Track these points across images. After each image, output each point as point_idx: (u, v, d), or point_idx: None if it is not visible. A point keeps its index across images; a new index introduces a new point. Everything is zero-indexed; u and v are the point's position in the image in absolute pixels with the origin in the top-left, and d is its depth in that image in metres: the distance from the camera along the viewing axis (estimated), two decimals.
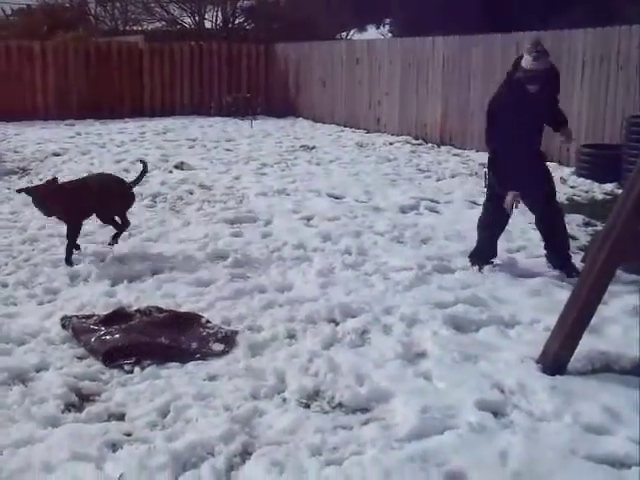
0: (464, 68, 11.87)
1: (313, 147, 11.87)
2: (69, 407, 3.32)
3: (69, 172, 9.35)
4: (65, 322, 4.22)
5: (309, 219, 6.91)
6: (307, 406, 3.34)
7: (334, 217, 6.92)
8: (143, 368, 3.70)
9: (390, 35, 24.56)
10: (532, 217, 6.96)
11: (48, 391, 3.41)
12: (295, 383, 3.52)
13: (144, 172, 6.10)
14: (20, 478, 2.70)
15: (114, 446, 2.96)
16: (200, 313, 4.43)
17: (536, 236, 6.26)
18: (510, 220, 5.35)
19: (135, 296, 4.77)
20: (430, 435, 3.02)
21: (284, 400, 3.39)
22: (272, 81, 17.50)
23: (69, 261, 5.45)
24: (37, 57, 15.61)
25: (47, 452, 2.86)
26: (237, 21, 23.81)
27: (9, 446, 2.90)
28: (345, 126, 14.80)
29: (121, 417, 3.23)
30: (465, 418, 3.14)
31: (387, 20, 26.33)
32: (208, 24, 23.89)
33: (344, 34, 24.86)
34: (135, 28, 24.48)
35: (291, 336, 4.14)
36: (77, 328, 4.12)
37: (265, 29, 21.42)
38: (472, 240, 6.03)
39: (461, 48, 11.94)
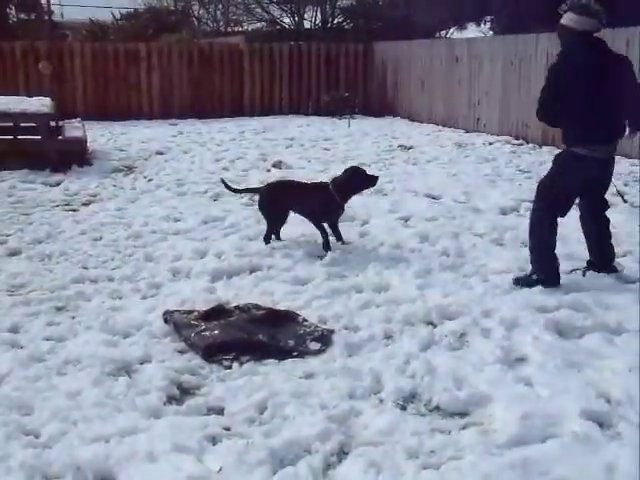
0: None
1: (411, 147, 11.78)
2: (170, 400, 3.40)
3: (171, 170, 9.63)
4: (167, 317, 4.34)
5: (406, 219, 6.85)
6: (404, 408, 3.31)
7: (432, 218, 6.84)
8: (241, 364, 3.76)
9: (491, 33, 24.08)
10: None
11: (151, 383, 3.51)
12: (392, 384, 3.49)
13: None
14: (126, 466, 2.79)
15: (213, 439, 3.02)
16: (297, 311, 4.46)
17: None
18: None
19: (234, 293, 4.85)
20: (531, 443, 2.93)
21: (380, 401, 3.37)
22: (370, 80, 17.48)
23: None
24: (143, 59, 16.15)
25: (150, 442, 2.94)
26: (336, 21, 23.93)
27: (116, 434, 3.00)
28: (443, 126, 14.62)
29: (220, 411, 3.29)
30: (569, 427, 3.04)
31: (487, 17, 25.85)
32: (307, 24, 24.14)
33: (443, 32, 24.57)
34: (236, 29, 25.01)
35: (388, 337, 4.11)
36: (178, 323, 4.23)
37: (364, 28, 21.42)
38: (574, 242, 5.84)
39: None
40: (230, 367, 3.74)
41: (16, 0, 24.58)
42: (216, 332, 4.08)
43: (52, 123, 10.42)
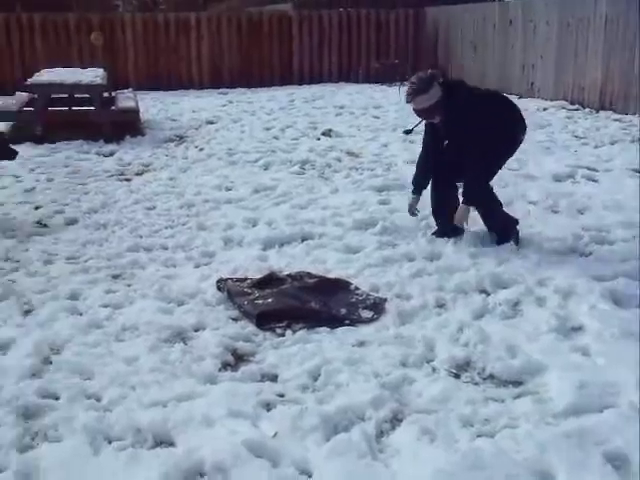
0: (630, 27, 11.11)
1: None
2: (225, 366, 3.45)
3: (222, 139, 9.68)
4: (220, 284, 4.39)
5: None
6: (457, 376, 3.30)
7: None
8: (294, 332, 3.79)
9: None
10: None
11: (206, 350, 3.56)
12: (445, 352, 3.48)
13: None
14: (184, 429, 2.85)
15: (268, 405, 3.05)
16: (349, 279, 4.47)
17: None
18: None
19: (286, 261, 4.87)
20: (588, 412, 2.89)
21: (433, 369, 3.36)
22: (421, 46, 17.24)
23: None
24: (193, 28, 16.19)
25: (207, 407, 2.99)
26: None
27: (173, 399, 3.06)
28: None
29: (274, 378, 3.32)
30: (626, 397, 2.98)
31: None
32: None
33: None
34: None
35: (440, 305, 4.10)
36: (232, 291, 4.27)
37: None
38: (633, 210, 5.73)
39: (628, 5, 11.17)
40: (283, 335, 3.77)
41: None
42: (269, 300, 4.11)
43: (105, 94, 10.55)
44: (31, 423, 2.92)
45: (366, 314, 4.00)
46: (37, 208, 6.37)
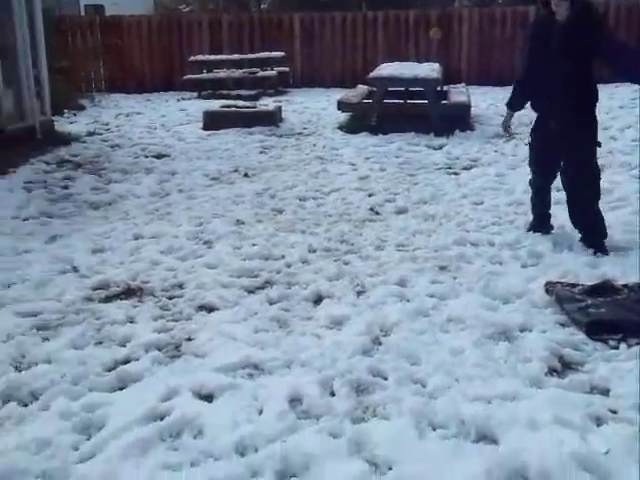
0: None
1: None
2: (551, 371, 3.34)
3: None
4: (549, 287, 4.24)
5: None
6: None
7: None
8: (629, 346, 3.54)
9: None
10: None
11: (531, 352, 3.48)
12: None
13: None
14: (507, 429, 2.81)
15: (598, 420, 2.90)
16: None
17: None
18: None
19: (621, 270, 4.55)
20: None
21: None
22: None
23: None
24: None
25: (532, 410, 2.91)
26: None
27: (497, 397, 3.04)
28: None
29: (605, 392, 3.14)
30: None
31: None
32: None
33: None
34: None
35: None
36: (561, 295, 4.11)
37: None
38: None
39: None
40: (616, 347, 3.54)
41: None
42: (602, 309, 3.89)
43: (438, 88, 10.77)
44: (362, 398, 3.10)
45: None
46: (370, 195, 6.73)
